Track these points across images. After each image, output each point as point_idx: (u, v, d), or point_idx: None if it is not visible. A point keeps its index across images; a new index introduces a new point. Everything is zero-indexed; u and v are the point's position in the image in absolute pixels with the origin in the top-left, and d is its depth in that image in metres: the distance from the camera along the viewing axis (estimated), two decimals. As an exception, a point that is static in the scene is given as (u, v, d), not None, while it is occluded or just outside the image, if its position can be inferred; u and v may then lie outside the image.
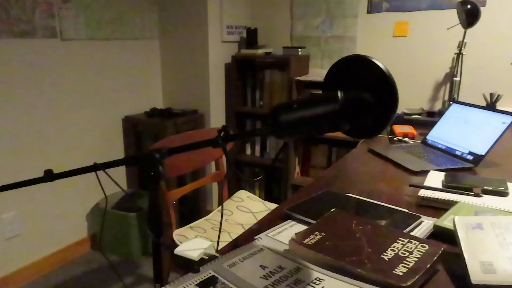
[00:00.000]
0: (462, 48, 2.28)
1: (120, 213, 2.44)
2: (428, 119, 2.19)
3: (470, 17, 2.04)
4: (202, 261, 0.80)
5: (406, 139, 1.81)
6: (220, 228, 1.00)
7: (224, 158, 2.23)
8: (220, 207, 1.88)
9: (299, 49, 2.80)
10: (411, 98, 2.66)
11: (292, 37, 3.00)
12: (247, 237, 0.92)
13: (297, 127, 0.76)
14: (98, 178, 0.87)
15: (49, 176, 0.83)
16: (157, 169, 0.83)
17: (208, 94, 2.84)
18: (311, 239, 0.82)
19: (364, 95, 0.76)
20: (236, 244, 0.88)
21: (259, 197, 3.14)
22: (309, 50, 2.94)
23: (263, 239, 0.88)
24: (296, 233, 0.84)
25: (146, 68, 2.84)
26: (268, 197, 3.08)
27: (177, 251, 0.85)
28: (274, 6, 3.03)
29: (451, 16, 2.44)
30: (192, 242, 0.86)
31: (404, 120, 2.13)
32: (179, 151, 0.84)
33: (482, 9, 2.34)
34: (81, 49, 2.38)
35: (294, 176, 2.92)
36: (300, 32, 2.95)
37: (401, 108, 2.68)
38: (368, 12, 2.69)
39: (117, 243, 2.51)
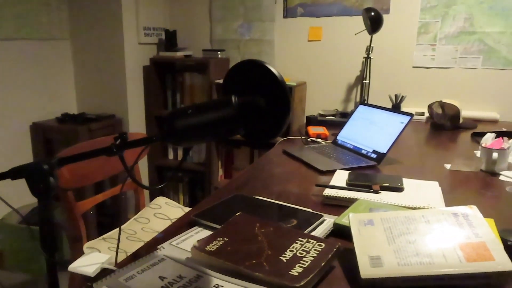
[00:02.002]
0: (370, 52, 2.43)
1: (27, 228, 2.26)
2: (341, 120, 2.30)
3: (374, 23, 2.17)
4: (98, 277, 0.76)
5: (319, 139, 1.88)
6: (119, 239, 0.96)
7: (146, 163, 2.16)
8: (137, 214, 1.82)
9: (219, 52, 2.80)
10: (326, 100, 2.77)
11: (212, 40, 2.99)
12: (151, 247, 0.89)
13: (193, 132, 0.75)
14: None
15: None
16: (47, 182, 0.77)
17: (125, 98, 2.73)
18: (213, 245, 0.81)
19: (258, 100, 0.77)
20: (137, 255, 0.84)
21: (183, 202, 3.10)
22: (228, 53, 2.95)
23: (166, 248, 0.85)
24: (198, 240, 0.83)
25: (56, 71, 2.66)
26: (192, 202, 3.04)
27: (71, 268, 0.80)
28: (193, 8, 3.00)
29: (360, 22, 2.58)
30: (88, 257, 0.82)
31: (319, 121, 2.22)
32: (70, 161, 0.79)
33: (386, 16, 2.52)
34: (-23, 50, 2.17)
35: (217, 179, 2.91)
36: (220, 35, 2.96)
37: (318, 110, 2.80)
38: (284, 16, 2.76)
39: (26, 261, 2.32)
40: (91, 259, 0.81)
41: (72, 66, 2.78)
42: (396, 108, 2.37)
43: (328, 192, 1.14)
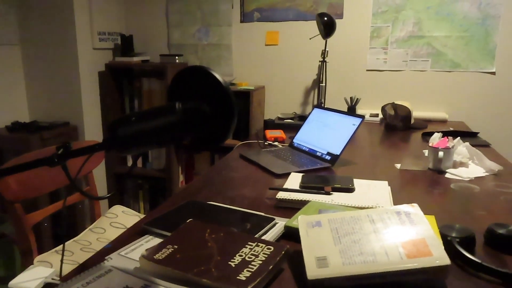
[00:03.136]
0: (325, 56, 2.48)
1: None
2: (298, 123, 2.33)
3: (327, 28, 2.23)
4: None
5: (276, 143, 1.90)
6: (63, 251, 0.93)
7: (103, 171, 2.09)
8: (93, 224, 1.77)
9: (177, 57, 2.78)
10: (285, 103, 2.81)
11: (170, 45, 2.96)
12: (98, 258, 0.87)
13: (137, 140, 0.74)
14: None
15: None
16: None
17: (80, 105, 2.66)
18: (162, 254, 0.80)
19: (203, 106, 0.77)
20: (84, 267, 0.82)
21: (144, 209, 3.04)
22: (187, 58, 2.93)
23: (114, 259, 0.84)
24: (146, 249, 0.82)
25: (5, 77, 2.55)
26: (153, 210, 2.98)
27: (12, 284, 0.77)
28: (149, 13, 2.96)
29: (315, 26, 2.64)
30: (31, 272, 0.79)
31: (276, 124, 2.24)
32: (8, 173, 0.76)
33: (339, 21, 2.58)
34: None
35: (178, 185, 2.88)
36: (177, 39, 2.93)
37: (277, 113, 2.83)
38: (242, 21, 2.78)
39: (-25, 277, 2.20)
40: (34, 274, 0.78)
41: (22, 72, 2.67)
42: (351, 110, 2.44)
43: (281, 195, 1.16)
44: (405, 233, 0.79)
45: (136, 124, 0.73)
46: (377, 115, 2.49)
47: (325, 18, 2.21)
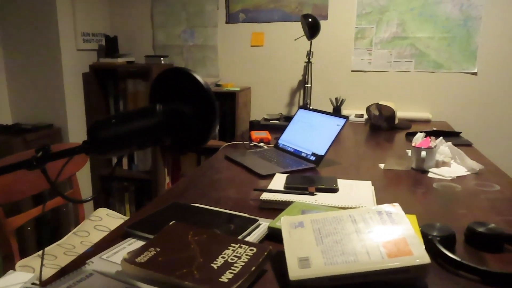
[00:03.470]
0: (310, 57, 2.49)
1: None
2: (284, 124, 2.34)
3: (312, 29, 2.24)
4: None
5: (261, 144, 1.90)
6: (43, 255, 0.92)
7: (88, 173, 2.07)
8: (77, 227, 1.75)
9: (162, 58, 2.76)
10: (271, 104, 2.81)
11: (155, 46, 2.95)
12: (80, 262, 0.86)
13: (118, 142, 0.73)
14: None
15: None
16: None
17: (64, 106, 2.62)
18: (144, 257, 0.80)
19: (184, 108, 0.76)
20: (65, 271, 0.81)
21: (130, 212, 3.01)
22: (172, 59, 2.92)
23: (95, 263, 0.83)
24: (128, 252, 0.81)
25: (-15, 79, 2.51)
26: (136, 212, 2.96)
27: (-10, 290, 0.75)
28: (134, 14, 2.94)
29: (300, 27, 2.65)
30: (10, 277, 0.78)
31: (262, 125, 2.24)
32: (-14, 177, 0.75)
33: (324, 22, 2.60)
34: None
35: (164, 187, 2.86)
36: (162, 41, 2.92)
37: (263, 114, 2.83)
38: (227, 22, 2.78)
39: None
40: (13, 279, 0.77)
41: (4, 73, 2.63)
42: (336, 110, 2.45)
43: (265, 196, 1.16)
44: (386, 233, 0.80)
45: (116, 126, 0.72)
46: (362, 116, 2.51)
47: (310, 19, 2.22)
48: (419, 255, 0.74)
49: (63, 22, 2.54)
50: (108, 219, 1.80)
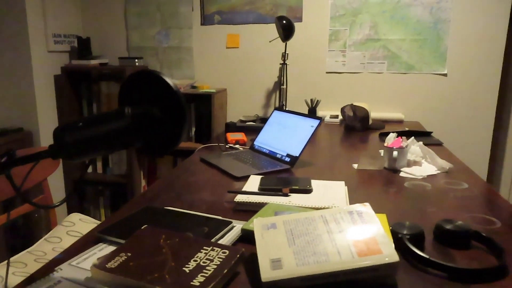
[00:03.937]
0: (286, 59, 2.51)
1: None
2: (260, 125, 2.34)
3: (286, 31, 2.25)
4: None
5: (237, 146, 1.90)
6: (8, 263, 0.90)
7: (61, 178, 2.02)
8: (48, 233, 1.70)
9: (136, 60, 2.73)
10: (247, 106, 2.82)
11: (129, 48, 2.91)
12: (48, 269, 0.83)
13: (85, 146, 0.72)
14: None
15: None
16: None
17: (34, 110, 2.56)
18: (114, 262, 0.79)
19: (153, 110, 0.76)
20: (32, 279, 0.79)
21: (105, 217, 2.96)
22: (147, 61, 2.89)
23: (64, 269, 0.81)
24: (98, 258, 0.80)
25: (-49, 82, 2.42)
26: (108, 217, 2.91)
27: (-48, 301, 0.73)
28: (107, 15, 2.89)
29: (275, 29, 2.66)
30: (-27, 287, 0.75)
31: (238, 127, 2.24)
32: None
33: (299, 24, 2.62)
34: None
35: (140, 191, 2.82)
36: (137, 42, 2.88)
37: (239, 116, 2.83)
38: (202, 24, 2.76)
39: None
40: (-24, 289, 0.74)
41: (-29, 76, 2.55)
42: (312, 112, 2.48)
43: (239, 198, 1.16)
44: (357, 232, 0.81)
45: (83, 129, 0.71)
46: (337, 117, 2.54)
47: (284, 21, 2.23)
48: (389, 254, 0.75)
49: (33, 23, 2.48)
50: (82, 224, 1.76)
